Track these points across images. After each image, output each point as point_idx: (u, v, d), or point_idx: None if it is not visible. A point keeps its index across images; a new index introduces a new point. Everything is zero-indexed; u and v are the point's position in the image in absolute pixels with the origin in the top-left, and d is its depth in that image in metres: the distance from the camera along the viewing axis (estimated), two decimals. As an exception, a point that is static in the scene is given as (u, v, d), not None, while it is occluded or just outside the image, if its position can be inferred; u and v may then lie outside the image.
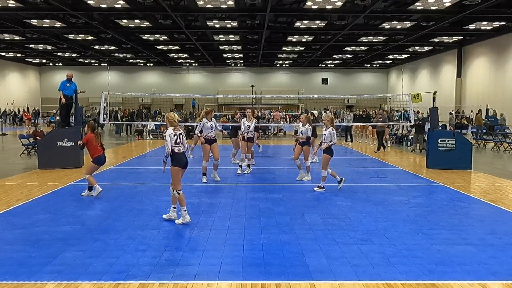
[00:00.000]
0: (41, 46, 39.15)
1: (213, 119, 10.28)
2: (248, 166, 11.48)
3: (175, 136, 6.52)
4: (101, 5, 24.10)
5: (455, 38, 34.99)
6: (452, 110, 35.79)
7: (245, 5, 23.88)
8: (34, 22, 28.40)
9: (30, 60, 49.76)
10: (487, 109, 31.78)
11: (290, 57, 45.31)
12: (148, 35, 33.63)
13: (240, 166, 11.28)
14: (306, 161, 10.52)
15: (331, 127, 9.11)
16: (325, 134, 9.13)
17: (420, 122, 17.63)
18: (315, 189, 9.12)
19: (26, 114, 37.54)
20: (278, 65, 52.76)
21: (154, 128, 25.11)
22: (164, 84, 53.93)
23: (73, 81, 13.35)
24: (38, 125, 20.43)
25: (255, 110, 16.31)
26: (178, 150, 6.54)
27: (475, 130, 22.30)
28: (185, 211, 6.54)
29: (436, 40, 34.97)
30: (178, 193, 6.55)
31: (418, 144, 17.62)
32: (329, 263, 4.91)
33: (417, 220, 6.81)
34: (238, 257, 5.09)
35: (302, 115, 11.51)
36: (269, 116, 30.57)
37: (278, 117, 28.99)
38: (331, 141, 9.03)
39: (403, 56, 45.03)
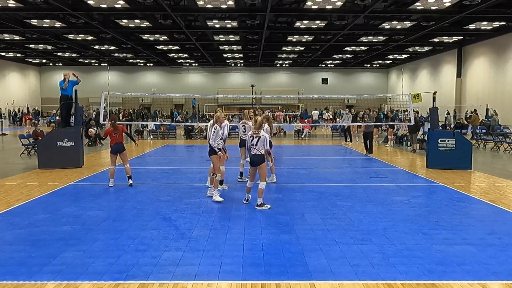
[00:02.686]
0: (41, 46, 39.15)
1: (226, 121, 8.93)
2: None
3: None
4: (101, 5, 24.10)
5: (455, 38, 34.99)
6: (449, 111, 35.76)
7: (245, 5, 23.88)
8: (34, 22, 28.39)
9: (30, 60, 49.76)
10: (487, 109, 31.77)
11: (290, 57, 45.31)
12: (148, 35, 33.63)
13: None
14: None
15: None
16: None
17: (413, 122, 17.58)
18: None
19: (26, 116, 37.55)
20: (278, 65, 52.76)
21: (154, 128, 25.12)
22: (164, 84, 53.95)
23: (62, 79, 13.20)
24: (38, 125, 20.42)
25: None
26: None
27: (472, 130, 22.36)
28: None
29: (436, 40, 34.97)
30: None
31: (413, 144, 17.59)
32: (329, 263, 4.91)
33: (417, 220, 6.81)
34: (238, 257, 5.09)
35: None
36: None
37: (280, 117, 28.97)
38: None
39: (403, 56, 45.03)
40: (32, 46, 39.02)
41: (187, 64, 52.44)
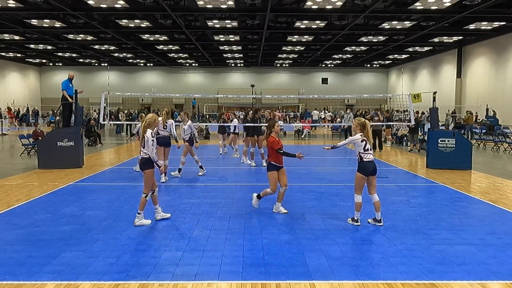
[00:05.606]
0: (41, 46, 39.13)
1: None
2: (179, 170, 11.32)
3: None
4: (101, 5, 24.09)
5: (455, 38, 34.97)
6: (449, 110, 35.68)
7: (245, 5, 23.87)
8: (34, 22, 28.38)
9: (30, 60, 49.74)
10: (487, 109, 31.76)
11: (290, 57, 45.29)
12: (148, 35, 33.61)
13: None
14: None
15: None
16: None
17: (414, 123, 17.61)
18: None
19: (11, 113, 37.10)
20: (278, 65, 52.74)
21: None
22: (164, 84, 53.92)
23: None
24: (38, 125, 20.40)
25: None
26: None
27: (467, 129, 22.56)
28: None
29: (436, 40, 34.95)
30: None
31: (412, 144, 17.58)
32: (329, 263, 4.91)
33: (417, 220, 6.81)
34: (238, 257, 5.09)
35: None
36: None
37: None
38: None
39: (403, 56, 45.01)
40: (32, 46, 39.00)
41: (187, 64, 52.42)
